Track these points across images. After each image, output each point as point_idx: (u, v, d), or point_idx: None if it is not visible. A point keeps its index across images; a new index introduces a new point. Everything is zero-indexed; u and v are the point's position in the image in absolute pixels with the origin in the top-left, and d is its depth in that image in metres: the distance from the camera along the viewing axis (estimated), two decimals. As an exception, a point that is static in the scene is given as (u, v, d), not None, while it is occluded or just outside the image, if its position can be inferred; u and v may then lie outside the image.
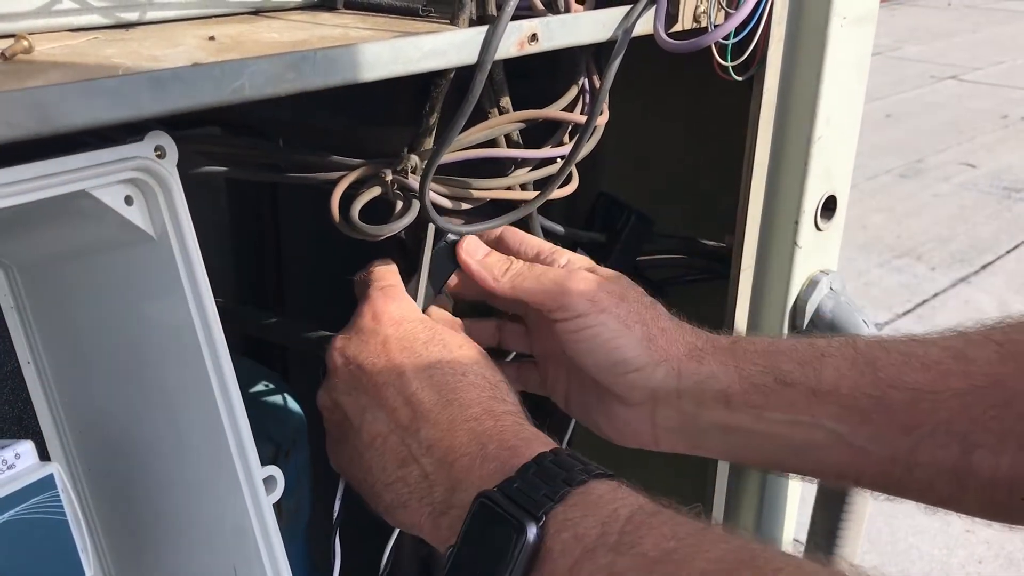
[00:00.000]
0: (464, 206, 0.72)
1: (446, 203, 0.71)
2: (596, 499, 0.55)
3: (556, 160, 0.75)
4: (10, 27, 0.59)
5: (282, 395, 0.97)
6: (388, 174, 0.68)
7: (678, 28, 0.74)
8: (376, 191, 0.68)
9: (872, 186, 4.93)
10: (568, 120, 0.74)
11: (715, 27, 0.73)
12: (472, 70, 0.64)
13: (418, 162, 0.68)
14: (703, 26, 0.75)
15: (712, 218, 0.92)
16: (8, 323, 0.62)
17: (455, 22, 0.66)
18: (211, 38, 0.61)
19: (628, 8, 0.71)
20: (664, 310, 0.74)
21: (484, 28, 0.64)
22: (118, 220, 0.54)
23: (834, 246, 0.93)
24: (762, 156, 0.85)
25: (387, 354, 0.66)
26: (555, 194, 0.75)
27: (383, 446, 0.64)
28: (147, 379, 0.60)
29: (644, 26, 0.72)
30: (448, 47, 0.62)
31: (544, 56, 0.68)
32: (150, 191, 0.54)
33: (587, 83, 0.75)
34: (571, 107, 0.75)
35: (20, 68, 0.52)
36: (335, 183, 0.67)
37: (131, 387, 0.61)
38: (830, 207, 0.90)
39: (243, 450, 0.57)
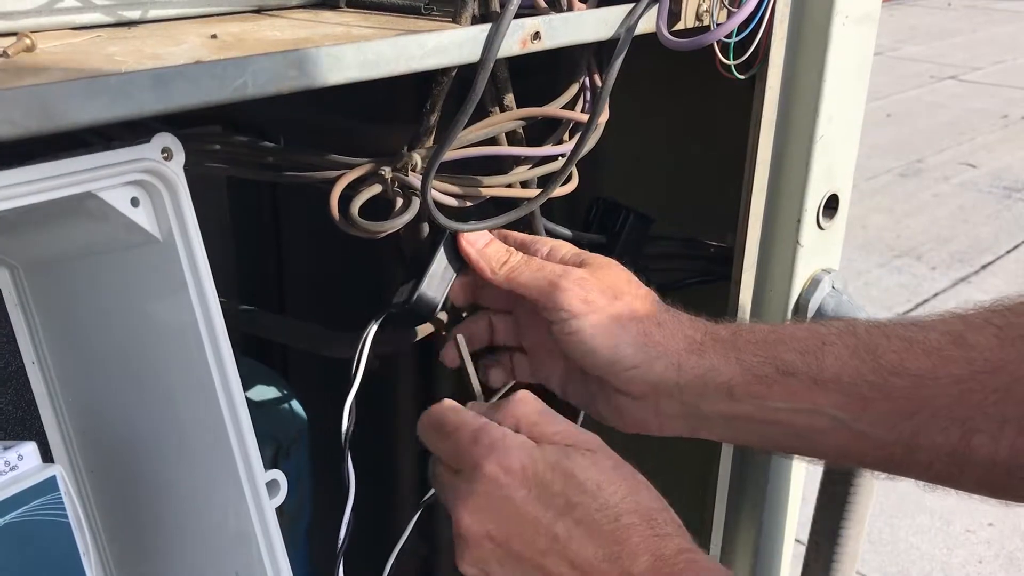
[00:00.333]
0: (465, 203, 0.72)
1: (446, 200, 0.70)
2: None
3: (556, 158, 0.75)
4: (13, 25, 0.59)
5: (283, 394, 0.97)
6: (388, 172, 0.68)
7: (680, 26, 0.74)
8: (376, 189, 0.68)
9: (872, 186, 4.93)
10: (569, 118, 0.74)
11: (717, 25, 0.73)
12: (474, 68, 0.64)
13: (419, 160, 0.68)
14: (705, 24, 0.75)
15: (714, 218, 0.92)
16: (13, 323, 0.62)
17: (458, 20, 0.65)
18: (213, 36, 0.61)
19: (631, 6, 0.71)
20: (660, 302, 0.74)
21: (487, 26, 0.63)
22: (124, 221, 0.54)
23: (836, 245, 0.93)
24: (764, 155, 0.85)
25: (529, 520, 0.61)
26: (556, 192, 0.75)
27: None
28: (151, 381, 0.60)
29: (647, 24, 0.72)
30: (450, 45, 0.62)
31: (545, 53, 0.68)
32: (156, 193, 0.54)
33: (588, 81, 0.75)
34: (571, 105, 0.75)
35: (22, 66, 0.52)
36: (335, 181, 0.67)
37: (134, 389, 0.61)
38: (832, 206, 0.90)
39: (246, 454, 0.57)
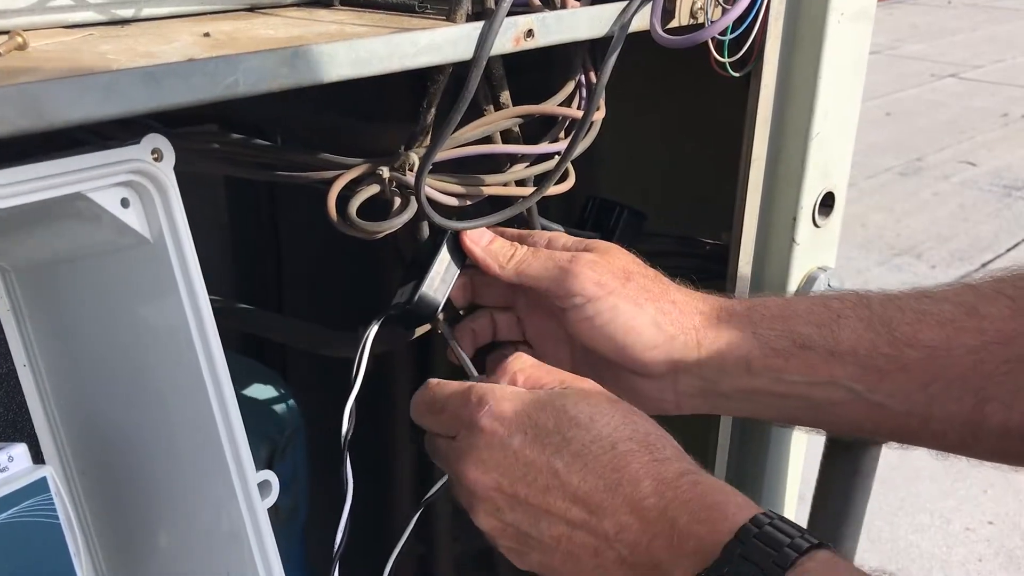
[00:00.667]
0: (463, 202, 0.72)
1: (443, 199, 0.70)
2: None
3: (553, 156, 0.75)
4: (5, 23, 0.59)
5: (279, 393, 0.97)
6: (386, 171, 0.68)
7: (675, 24, 0.74)
8: (374, 189, 0.68)
9: (872, 184, 4.93)
10: (565, 115, 0.74)
11: (712, 23, 0.73)
12: (468, 66, 0.63)
13: (416, 159, 0.68)
14: (700, 22, 0.75)
15: (710, 215, 0.92)
16: (4, 326, 0.62)
17: (451, 18, 0.65)
18: (206, 34, 0.61)
19: (624, 3, 0.71)
20: (670, 281, 0.75)
21: (480, 24, 0.63)
22: (114, 223, 0.53)
23: (832, 243, 0.93)
24: (759, 153, 0.85)
25: (528, 462, 0.62)
26: (552, 191, 0.75)
27: (570, 543, 0.62)
28: (142, 382, 0.60)
29: (640, 22, 0.71)
30: (443, 43, 0.62)
31: (541, 51, 0.68)
32: (146, 194, 0.54)
33: (584, 79, 0.75)
34: (568, 103, 0.75)
35: (14, 64, 0.52)
36: (332, 181, 0.67)
37: (126, 390, 0.61)
38: (828, 203, 0.90)
39: (238, 455, 0.57)
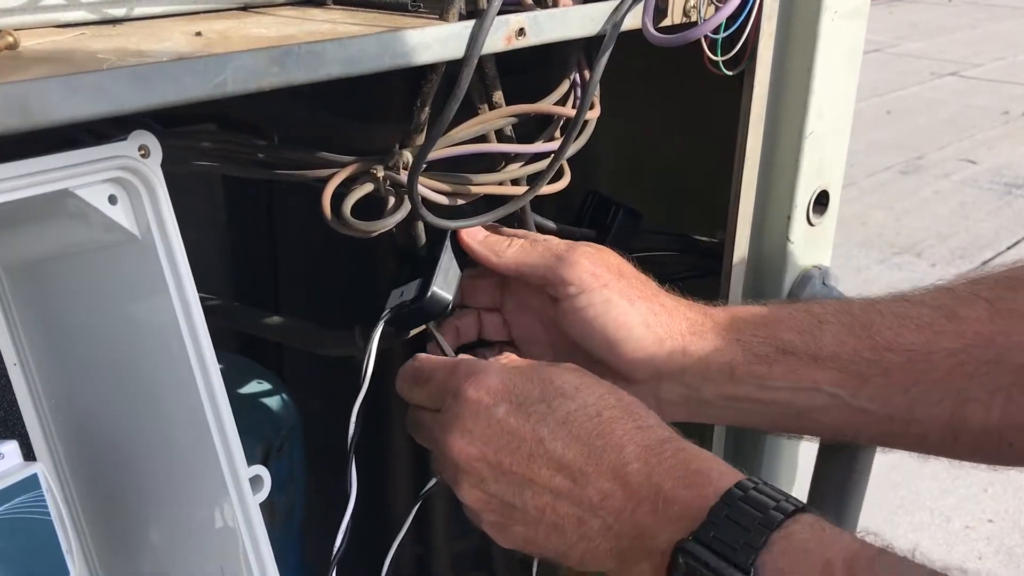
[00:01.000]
0: (456, 201, 0.72)
1: (437, 198, 0.70)
2: (803, 544, 0.54)
3: (548, 155, 0.74)
4: (-5, 23, 0.59)
5: (276, 392, 0.97)
6: (380, 170, 0.68)
7: (667, 23, 0.74)
8: (368, 188, 0.68)
9: (872, 183, 4.92)
10: (558, 114, 0.74)
11: (704, 21, 0.73)
12: (460, 64, 0.63)
13: (410, 158, 0.68)
14: (692, 20, 0.75)
15: (704, 213, 0.92)
16: (-7, 324, 0.62)
17: (444, 17, 0.65)
18: (198, 34, 0.61)
19: (617, 2, 0.71)
20: (658, 285, 0.75)
21: (471, 23, 0.63)
22: (102, 219, 0.54)
23: (827, 241, 0.93)
24: (753, 151, 0.84)
25: (512, 431, 0.62)
26: (547, 189, 0.75)
27: (554, 514, 0.62)
28: (133, 379, 0.60)
29: (633, 20, 0.72)
30: (434, 41, 0.62)
31: (536, 50, 0.68)
32: (134, 190, 0.54)
33: (578, 78, 0.75)
34: (563, 102, 0.75)
35: (4, 64, 0.52)
36: (327, 180, 0.67)
37: (117, 387, 0.61)
38: (822, 202, 0.90)
39: (229, 450, 0.57)
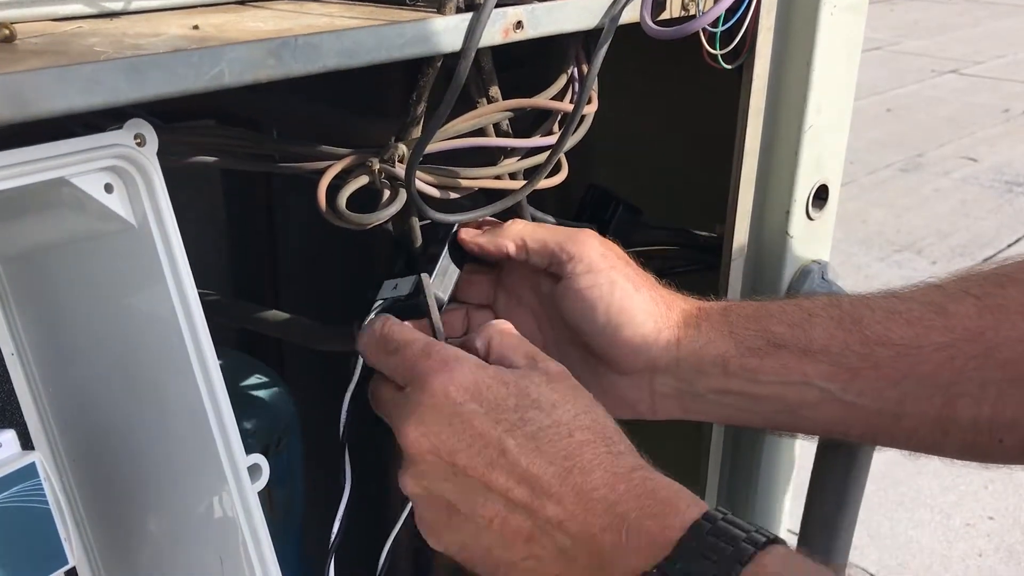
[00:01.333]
0: (451, 195, 0.72)
1: (433, 192, 0.70)
2: None
3: (546, 149, 0.74)
4: (-8, 16, 0.59)
5: (275, 387, 0.97)
6: (375, 163, 0.68)
7: (666, 15, 0.74)
8: (363, 180, 0.68)
9: (872, 180, 4.92)
10: (556, 108, 0.74)
11: (703, 14, 0.73)
12: (457, 58, 0.63)
13: (406, 151, 0.68)
14: (691, 13, 0.75)
15: (703, 208, 0.92)
16: (-9, 315, 0.62)
17: (442, 10, 0.65)
18: (195, 27, 0.61)
19: (615, -5, 0.71)
20: (655, 280, 0.75)
21: (468, 15, 0.63)
22: (98, 208, 0.54)
23: (826, 236, 0.93)
24: (752, 145, 0.84)
25: (476, 434, 0.59)
26: (544, 184, 0.75)
27: (503, 526, 0.59)
28: (131, 368, 0.60)
29: (631, 13, 0.71)
30: (431, 34, 0.62)
31: (535, 44, 0.68)
32: (130, 179, 0.54)
33: (577, 72, 0.75)
34: (561, 96, 0.75)
35: (0, 56, 0.52)
36: (322, 172, 0.67)
37: (115, 377, 0.61)
38: (822, 196, 0.90)
39: (227, 439, 0.57)
